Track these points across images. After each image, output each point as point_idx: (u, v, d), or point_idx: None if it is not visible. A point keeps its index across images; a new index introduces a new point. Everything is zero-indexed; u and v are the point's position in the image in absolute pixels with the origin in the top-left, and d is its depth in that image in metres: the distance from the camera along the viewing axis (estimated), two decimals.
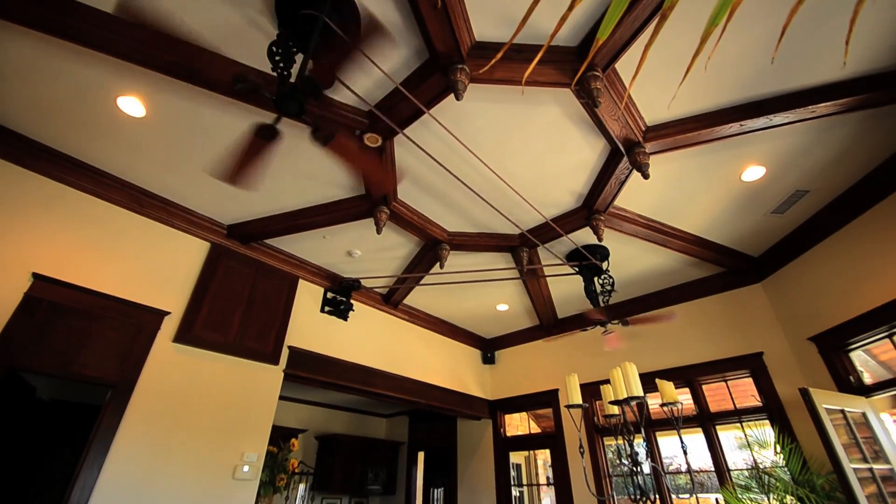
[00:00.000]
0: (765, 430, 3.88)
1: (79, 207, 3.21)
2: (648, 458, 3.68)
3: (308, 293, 4.47)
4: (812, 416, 2.84)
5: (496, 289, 4.96)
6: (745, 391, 4.24)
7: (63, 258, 3.02)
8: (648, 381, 3.07)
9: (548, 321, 5.65)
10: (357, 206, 3.57)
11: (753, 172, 3.16)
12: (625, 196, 3.43)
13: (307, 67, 2.01)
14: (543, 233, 3.82)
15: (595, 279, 4.12)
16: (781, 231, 3.83)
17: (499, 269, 4.29)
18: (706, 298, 4.65)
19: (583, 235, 3.84)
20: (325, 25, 1.99)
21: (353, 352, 4.63)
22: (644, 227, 3.75)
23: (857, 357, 3.43)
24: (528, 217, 3.69)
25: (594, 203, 3.43)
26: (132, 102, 2.69)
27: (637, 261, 4.36)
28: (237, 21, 2.24)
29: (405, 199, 3.57)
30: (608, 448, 4.99)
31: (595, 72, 2.34)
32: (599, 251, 4.05)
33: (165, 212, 3.60)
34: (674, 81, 2.49)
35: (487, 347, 6.56)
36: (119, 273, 3.25)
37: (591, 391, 4.70)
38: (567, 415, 5.19)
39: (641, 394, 2.51)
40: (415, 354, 5.39)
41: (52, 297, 2.89)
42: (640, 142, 2.81)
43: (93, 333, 3.00)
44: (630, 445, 2.63)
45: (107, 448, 2.82)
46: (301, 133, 2.84)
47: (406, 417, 8.11)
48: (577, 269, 4.14)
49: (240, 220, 3.87)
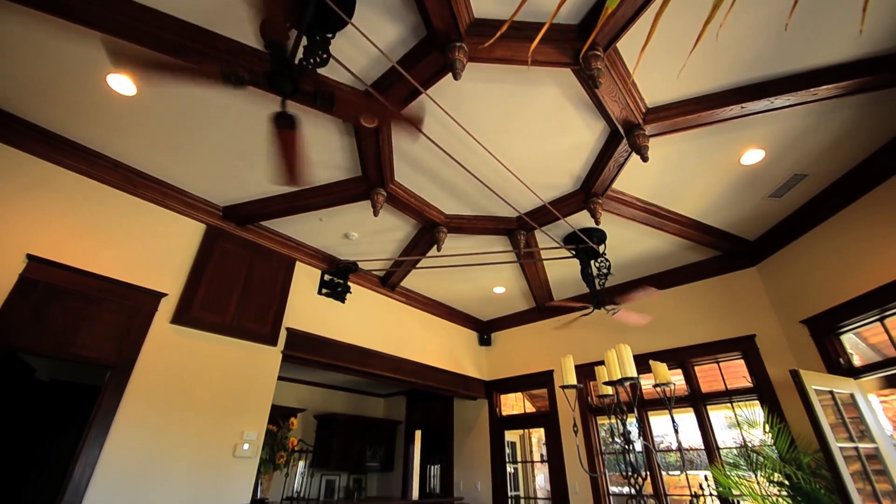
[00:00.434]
0: (754, 411, 3.97)
1: (72, 188, 3.17)
2: (640, 437, 3.77)
3: (305, 275, 4.47)
4: (801, 397, 2.90)
5: (493, 272, 4.98)
6: (737, 372, 4.32)
7: (57, 239, 3.00)
8: (642, 363, 3.12)
9: (544, 304, 5.69)
10: (354, 188, 3.54)
11: (752, 156, 3.14)
12: (623, 179, 3.41)
13: (301, 44, 1.96)
14: (541, 216, 3.82)
15: (592, 262, 4.14)
16: (778, 215, 3.84)
17: (496, 252, 4.30)
18: (701, 282, 4.69)
19: (580, 219, 3.84)
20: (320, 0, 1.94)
21: (351, 333, 4.66)
22: (641, 211, 3.75)
23: (848, 340, 3.48)
24: (526, 200, 3.67)
25: (592, 186, 3.41)
26: (122, 80, 2.63)
27: (634, 244, 4.37)
28: None
29: (402, 182, 3.54)
30: (601, 427, 5.10)
31: (596, 51, 2.30)
32: (596, 234, 4.05)
33: (160, 193, 3.56)
34: (677, 61, 2.44)
35: (484, 329, 6.62)
36: (115, 254, 3.24)
37: (586, 372, 4.78)
38: (561, 395, 5.29)
39: (635, 375, 2.55)
40: (412, 336, 5.44)
41: (48, 279, 2.87)
42: (640, 124, 2.78)
43: (90, 315, 3.00)
44: (623, 424, 2.69)
45: (107, 427, 2.85)
46: (296, 113, 2.79)
47: (403, 397, 8.24)
48: (574, 253, 4.15)
49: (235, 202, 3.83)
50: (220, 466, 3.29)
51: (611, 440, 5.22)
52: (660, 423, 6.06)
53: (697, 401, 4.31)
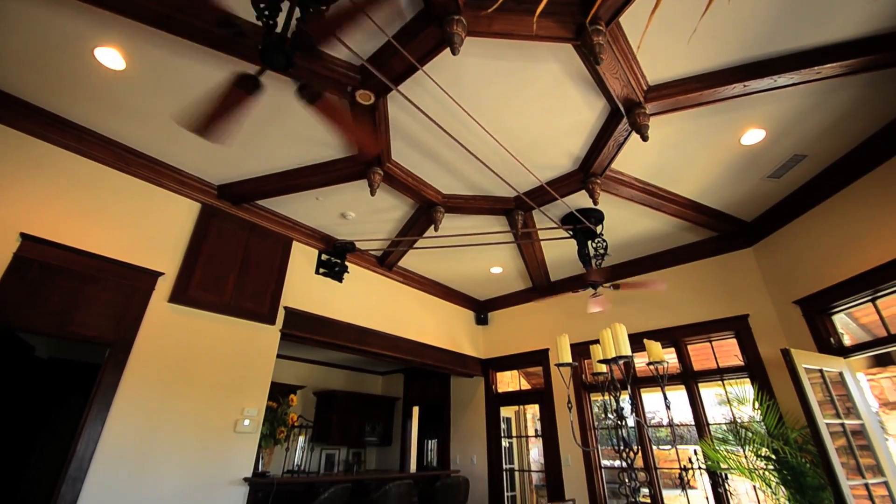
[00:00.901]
0: (745, 388, 4.06)
1: (63, 166, 3.12)
2: (633, 413, 3.85)
3: (302, 255, 4.46)
4: (791, 376, 2.96)
5: (490, 252, 4.98)
6: (729, 351, 4.39)
7: (51, 218, 2.97)
8: (636, 341, 3.16)
9: (541, 284, 5.72)
10: (350, 167, 3.50)
11: (753, 136, 3.11)
12: (621, 159, 3.38)
13: (293, 16, 1.90)
14: (539, 196, 3.79)
15: (589, 243, 4.15)
16: (775, 196, 3.83)
17: (493, 233, 4.29)
18: (697, 262, 4.72)
19: (578, 199, 3.82)
20: None
21: (349, 312, 4.69)
22: (640, 191, 3.73)
23: (839, 320, 3.53)
24: (524, 180, 3.64)
25: (591, 166, 3.38)
26: (110, 54, 2.55)
27: (631, 225, 4.37)
28: None
29: (399, 161, 3.50)
30: (594, 403, 5.21)
31: (598, 25, 2.24)
32: (594, 215, 4.04)
33: (153, 171, 3.51)
34: (681, 37, 2.39)
35: (481, 309, 6.68)
36: (109, 234, 3.21)
37: (581, 350, 4.84)
38: (556, 372, 5.38)
39: (629, 353, 2.59)
40: (410, 315, 5.48)
41: (43, 258, 2.86)
42: (641, 102, 2.74)
43: (87, 294, 3.00)
44: (616, 401, 2.75)
45: (109, 403, 2.89)
46: (290, 88, 2.73)
47: (401, 375, 8.37)
48: (572, 233, 4.14)
49: (230, 181, 3.79)
50: (222, 441, 3.36)
51: (604, 416, 5.35)
52: (652, 400, 6.21)
53: (689, 378, 4.39)
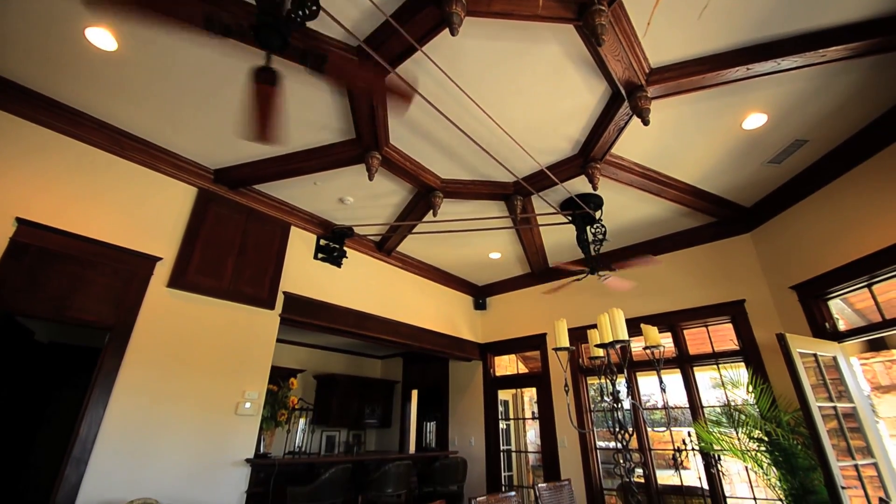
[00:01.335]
0: (739, 372, 4.11)
1: (59, 150, 3.08)
2: (628, 396, 3.91)
3: (301, 240, 4.45)
4: (786, 360, 3.00)
5: (489, 237, 4.97)
6: (724, 336, 4.44)
7: (47, 203, 2.94)
8: (633, 326, 3.18)
9: (539, 269, 5.74)
10: (348, 151, 3.46)
11: (755, 120, 3.08)
12: (621, 144, 3.35)
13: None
14: (538, 181, 3.77)
15: (588, 228, 4.14)
16: (775, 182, 3.81)
17: (492, 218, 4.28)
18: (695, 248, 4.73)
19: (577, 184, 3.80)
20: None
21: (348, 297, 4.71)
22: (639, 176, 3.71)
23: (835, 305, 3.56)
24: (523, 164, 3.61)
25: (591, 151, 3.35)
26: (102, 34, 2.49)
27: (630, 210, 4.36)
28: None
29: (397, 145, 3.46)
30: (591, 386, 5.28)
31: (600, 6, 2.19)
32: (593, 200, 4.03)
33: (148, 155, 3.47)
34: (685, 17, 2.34)
35: (479, 294, 6.70)
36: (106, 218, 3.19)
37: (578, 335, 4.88)
38: (554, 356, 5.44)
39: (627, 338, 2.61)
40: (408, 300, 5.50)
41: (40, 243, 2.85)
42: (643, 85, 2.70)
43: (85, 278, 3.00)
44: (612, 384, 2.78)
45: (110, 387, 2.92)
46: (286, 71, 2.67)
47: (400, 359, 8.45)
48: (571, 219, 4.14)
49: (226, 165, 3.75)
50: (224, 424, 3.40)
51: (600, 399, 5.42)
52: (647, 383, 6.29)
53: (685, 362, 4.45)
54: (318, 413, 7.44)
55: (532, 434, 7.20)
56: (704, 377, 5.25)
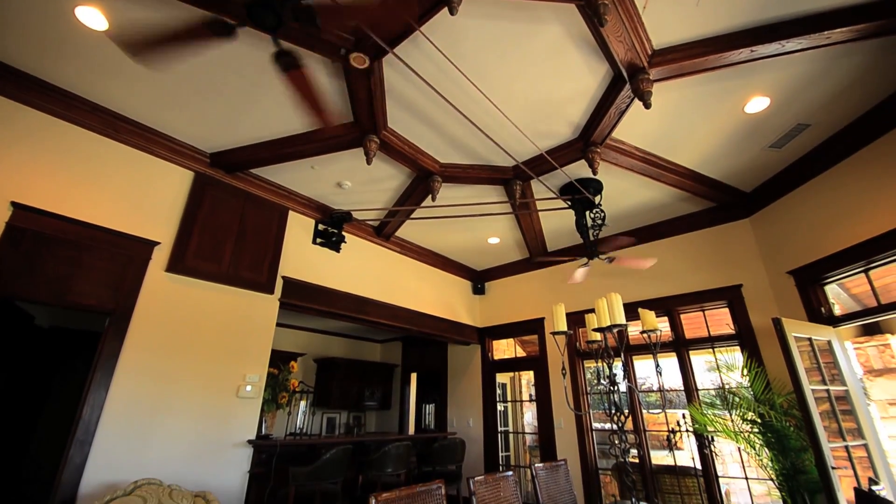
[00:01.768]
0: (734, 356, 4.16)
1: (52, 134, 3.03)
2: (625, 379, 3.96)
3: (299, 225, 4.43)
4: (781, 344, 3.03)
5: (488, 222, 4.96)
6: (721, 320, 4.48)
7: (42, 187, 2.92)
8: (631, 310, 3.20)
9: (538, 254, 5.74)
10: (346, 135, 3.42)
11: (757, 104, 3.04)
12: (621, 128, 3.31)
13: None
14: (538, 165, 3.74)
15: (587, 213, 4.13)
16: (776, 166, 3.79)
17: (491, 203, 4.26)
18: (694, 233, 4.73)
19: (577, 169, 3.77)
20: None
21: (347, 282, 4.72)
22: (640, 161, 3.68)
23: (831, 290, 3.59)
24: (523, 148, 3.58)
25: (591, 134, 3.32)
26: (92, 13, 2.43)
27: (629, 195, 4.34)
28: None
29: (396, 128, 3.42)
30: (587, 369, 5.35)
31: None
32: (593, 185, 4.01)
33: (143, 138, 3.42)
34: None
35: (478, 279, 6.72)
36: (102, 202, 3.17)
37: (576, 319, 4.93)
38: (551, 340, 5.49)
39: (624, 322, 2.62)
40: (407, 285, 5.52)
41: (36, 227, 2.83)
42: (645, 67, 2.65)
43: (83, 263, 2.99)
44: (609, 368, 2.81)
45: (112, 370, 2.94)
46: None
47: (399, 343, 8.52)
48: (570, 203, 4.12)
49: (222, 148, 3.70)
50: (225, 406, 3.45)
51: (596, 382, 5.51)
52: (643, 367, 6.37)
53: (681, 346, 4.50)
54: (319, 396, 7.54)
55: (529, 416, 7.32)
56: (700, 361, 5.31)
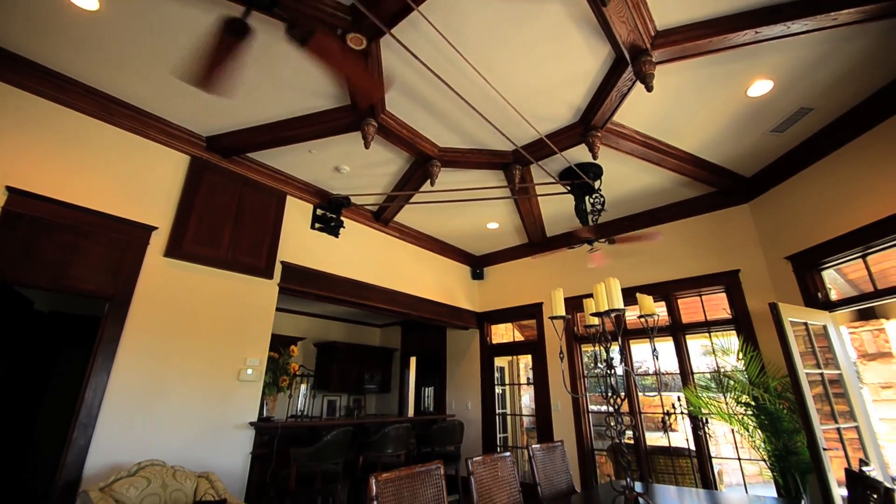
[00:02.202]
0: (730, 340, 4.20)
1: (45, 117, 2.99)
2: (622, 363, 4.00)
3: (297, 210, 4.41)
4: (777, 328, 3.06)
5: (487, 207, 4.94)
6: (718, 305, 4.51)
7: (36, 171, 2.89)
8: (629, 295, 3.22)
9: (537, 239, 5.74)
10: (343, 118, 3.37)
11: (761, 87, 3.00)
12: (622, 111, 3.27)
13: None
14: (537, 149, 3.71)
15: (586, 198, 4.11)
16: (777, 151, 3.76)
17: (490, 188, 4.24)
18: (693, 218, 4.72)
19: (577, 153, 3.74)
20: None
21: (346, 267, 4.72)
22: (640, 145, 3.64)
23: (828, 275, 3.60)
24: (523, 133, 3.54)
25: (592, 118, 3.28)
26: None
27: (629, 180, 4.31)
28: None
29: (394, 112, 3.38)
30: (585, 353, 5.41)
31: None
32: (592, 170, 3.98)
33: (138, 122, 3.37)
34: None
35: (477, 264, 6.73)
36: (98, 187, 3.14)
37: (574, 304, 4.95)
38: (549, 325, 5.53)
39: (622, 307, 2.64)
40: (406, 270, 5.53)
41: (33, 212, 2.81)
42: (648, 49, 2.61)
43: (81, 248, 2.98)
44: (606, 352, 2.84)
45: (113, 354, 2.97)
46: (278, 32, 2.57)
47: (399, 327, 8.58)
48: (570, 188, 4.10)
49: (218, 132, 3.66)
50: (226, 389, 3.49)
51: (593, 365, 5.57)
52: (640, 350, 6.45)
53: (678, 330, 4.53)
54: (319, 379, 7.62)
55: (527, 398, 7.43)
56: (696, 345, 5.37)
